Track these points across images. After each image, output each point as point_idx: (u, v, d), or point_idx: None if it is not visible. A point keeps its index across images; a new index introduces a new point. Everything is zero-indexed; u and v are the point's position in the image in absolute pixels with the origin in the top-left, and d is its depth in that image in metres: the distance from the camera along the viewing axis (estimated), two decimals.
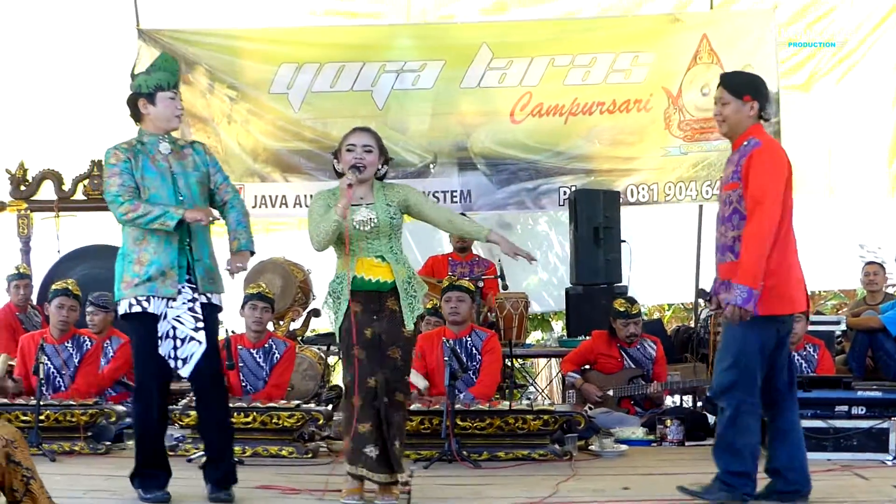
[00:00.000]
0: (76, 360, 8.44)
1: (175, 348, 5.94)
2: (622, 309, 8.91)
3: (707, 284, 10.97)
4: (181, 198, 5.95)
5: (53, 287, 8.68)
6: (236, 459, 6.93)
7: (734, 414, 5.70)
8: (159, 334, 5.91)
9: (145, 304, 5.90)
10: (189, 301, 5.98)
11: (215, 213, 6.07)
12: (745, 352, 5.69)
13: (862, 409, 7.34)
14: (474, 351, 8.28)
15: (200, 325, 5.97)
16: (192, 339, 5.95)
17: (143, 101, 6.00)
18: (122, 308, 5.97)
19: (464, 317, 8.38)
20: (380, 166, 6.06)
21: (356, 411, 5.86)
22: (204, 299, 6.01)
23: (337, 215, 5.81)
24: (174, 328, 5.95)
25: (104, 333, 8.92)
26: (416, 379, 7.83)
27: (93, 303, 8.91)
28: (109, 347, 8.98)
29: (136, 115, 6.08)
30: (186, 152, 6.12)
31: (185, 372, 5.96)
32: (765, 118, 5.88)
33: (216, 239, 6.20)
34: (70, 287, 8.57)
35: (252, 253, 6.20)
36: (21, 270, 9.86)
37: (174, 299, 5.92)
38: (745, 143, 5.77)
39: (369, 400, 5.86)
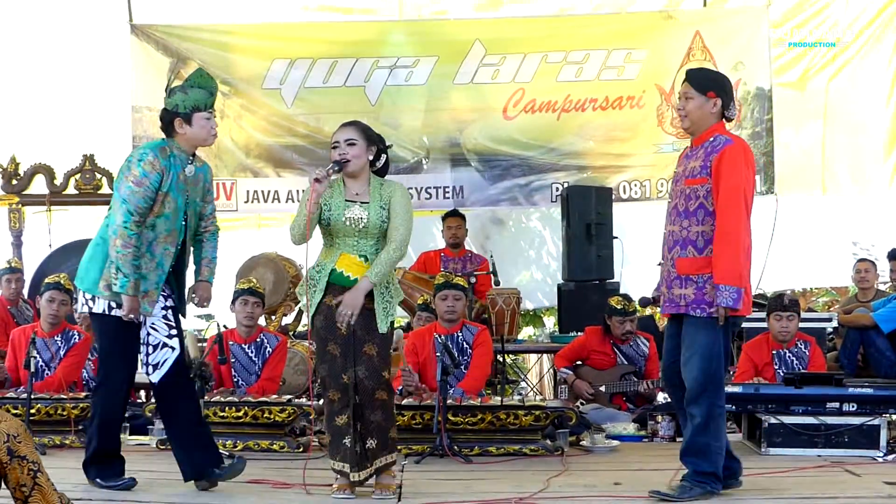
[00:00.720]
0: (62, 354, 8.43)
1: (147, 354, 6.03)
2: (619, 307, 8.90)
3: None
4: (183, 223, 6.02)
5: (45, 281, 8.66)
6: (227, 453, 6.95)
7: (706, 420, 5.76)
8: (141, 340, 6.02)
9: (119, 312, 5.94)
10: (164, 308, 6.08)
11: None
12: (713, 358, 5.75)
13: (853, 406, 7.35)
14: (465, 346, 8.27)
15: (174, 332, 6.09)
16: (164, 345, 6.05)
17: (179, 120, 5.96)
18: (100, 307, 5.97)
19: (459, 315, 8.38)
20: (370, 157, 6.01)
21: (333, 405, 5.91)
22: (173, 306, 6.14)
23: (306, 210, 5.81)
24: (148, 334, 6.04)
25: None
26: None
27: (57, 286, 8.91)
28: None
29: (169, 131, 6.03)
30: (200, 177, 6.13)
31: (155, 377, 6.05)
32: (728, 117, 5.91)
33: None
34: (62, 281, 8.55)
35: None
36: (13, 265, 9.83)
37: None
38: (711, 139, 5.81)
39: (345, 393, 5.89)
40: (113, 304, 5.93)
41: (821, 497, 5.94)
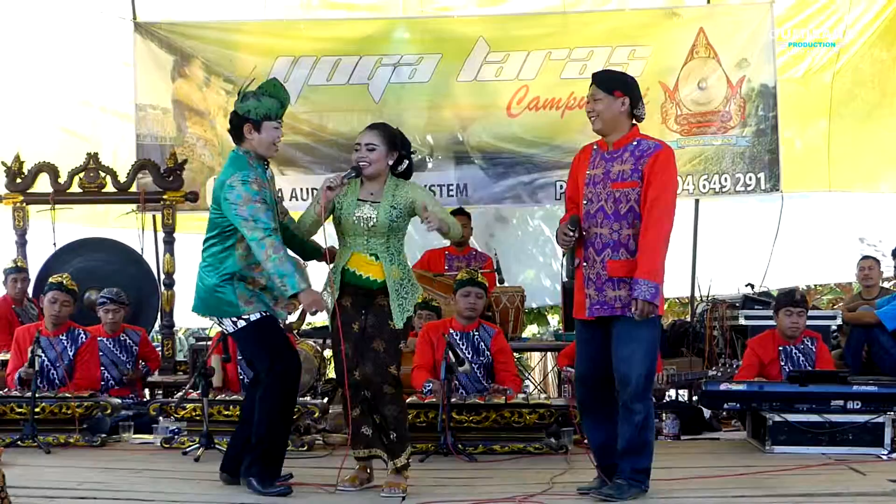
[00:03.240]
0: (70, 354, 8.44)
1: None
2: None
3: (703, 279, 11.05)
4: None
5: (49, 280, 8.66)
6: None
7: (646, 416, 5.82)
8: None
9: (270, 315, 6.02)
10: None
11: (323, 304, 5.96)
12: (654, 355, 5.86)
13: (857, 404, 7.35)
14: (482, 346, 8.24)
15: None
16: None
17: (248, 125, 6.01)
18: (255, 316, 5.96)
19: (478, 313, 8.36)
20: (390, 162, 6.06)
21: (347, 400, 5.99)
22: None
23: (315, 213, 6.00)
24: None
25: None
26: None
27: (114, 300, 8.92)
28: (129, 340, 9.07)
29: (238, 136, 6.08)
30: (273, 178, 6.23)
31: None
32: (637, 117, 5.99)
33: None
34: (64, 281, 8.55)
35: None
36: (18, 264, 9.83)
37: None
38: (635, 142, 5.91)
39: (356, 390, 6.00)
40: (263, 311, 5.97)
41: (825, 494, 5.93)
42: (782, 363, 8.26)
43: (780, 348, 8.34)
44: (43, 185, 10.33)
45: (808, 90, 11.68)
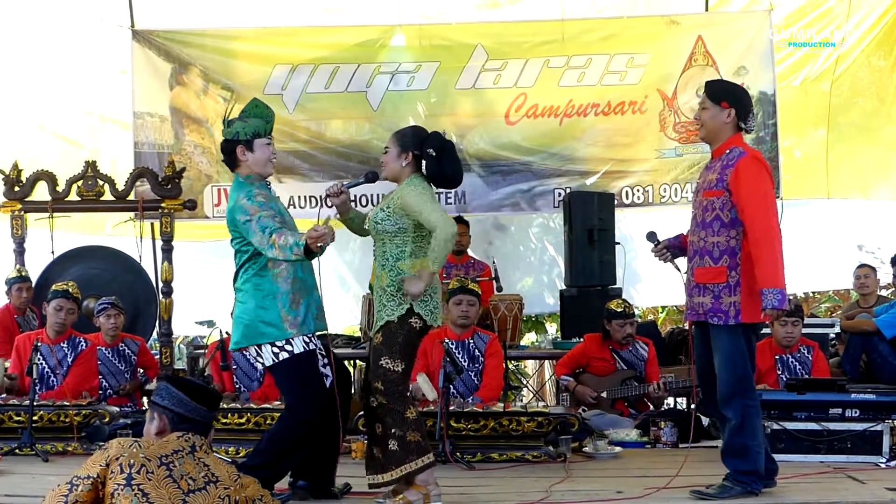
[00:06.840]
0: (70, 361, 8.43)
1: None
2: (620, 309, 8.88)
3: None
4: None
5: (53, 288, 8.66)
6: (231, 461, 6.95)
7: (741, 421, 5.92)
8: None
9: (313, 343, 5.91)
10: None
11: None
12: (738, 360, 5.91)
13: (856, 412, 7.34)
14: (477, 353, 8.24)
15: (325, 360, 6.00)
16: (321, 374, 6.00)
17: (241, 147, 5.98)
18: (298, 347, 5.87)
19: (472, 321, 8.35)
20: (403, 164, 5.97)
21: None
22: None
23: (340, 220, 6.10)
24: None
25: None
26: (425, 386, 7.36)
27: (114, 304, 8.89)
28: (127, 350, 9.07)
29: (232, 162, 6.05)
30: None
31: None
32: (745, 129, 6.03)
33: None
34: (70, 289, 8.55)
35: None
36: (22, 273, 9.80)
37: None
38: (728, 151, 5.96)
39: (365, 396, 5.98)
40: (306, 340, 5.88)
41: (823, 503, 5.93)
42: (779, 372, 8.28)
43: (777, 357, 8.35)
44: (41, 193, 10.29)
45: (807, 98, 11.70)
